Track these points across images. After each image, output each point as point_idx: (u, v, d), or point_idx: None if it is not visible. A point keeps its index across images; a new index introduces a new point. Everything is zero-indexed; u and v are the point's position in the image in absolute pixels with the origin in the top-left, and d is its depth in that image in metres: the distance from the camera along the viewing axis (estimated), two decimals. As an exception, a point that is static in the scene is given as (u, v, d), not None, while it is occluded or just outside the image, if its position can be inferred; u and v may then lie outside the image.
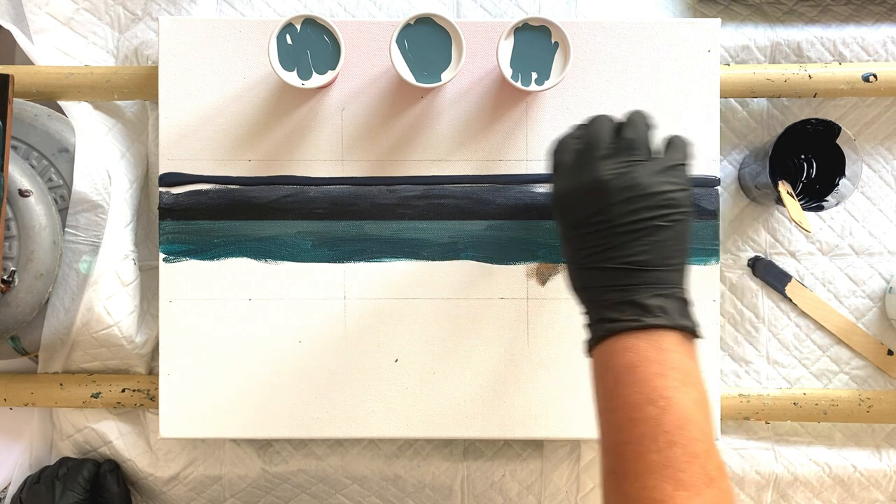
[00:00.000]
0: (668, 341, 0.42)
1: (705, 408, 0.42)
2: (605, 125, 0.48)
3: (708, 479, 0.38)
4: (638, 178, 0.44)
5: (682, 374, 0.42)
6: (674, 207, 0.44)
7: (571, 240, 0.47)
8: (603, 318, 0.44)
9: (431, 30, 0.56)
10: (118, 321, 0.63)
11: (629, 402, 0.41)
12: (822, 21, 0.67)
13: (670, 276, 0.44)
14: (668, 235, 0.44)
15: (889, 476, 0.66)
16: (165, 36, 0.61)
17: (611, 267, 0.44)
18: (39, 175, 0.62)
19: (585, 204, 0.45)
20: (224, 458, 0.66)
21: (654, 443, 0.39)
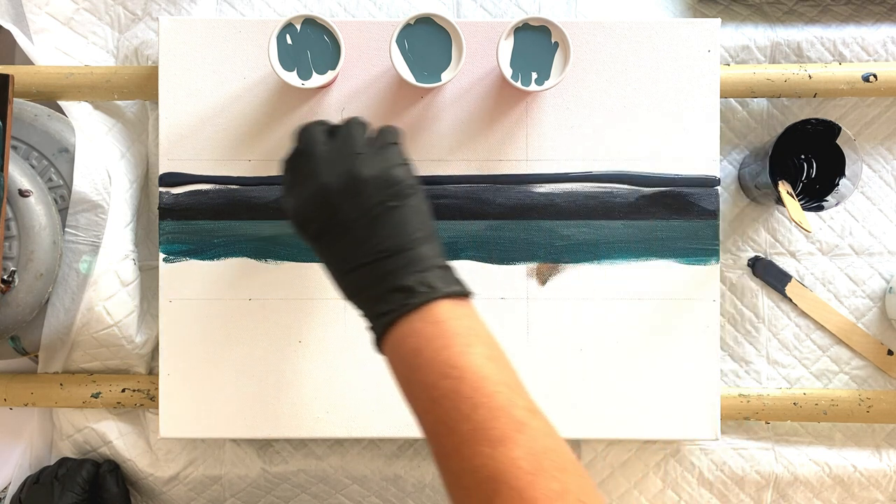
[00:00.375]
0: (441, 312, 0.42)
1: (498, 359, 0.42)
2: (316, 130, 0.48)
3: (518, 426, 0.38)
4: (355, 170, 0.44)
5: (465, 336, 0.41)
6: (397, 185, 0.44)
7: (321, 252, 0.47)
8: (376, 315, 0.44)
9: (431, 30, 0.56)
10: (118, 321, 0.63)
11: (425, 384, 0.41)
12: (822, 21, 0.67)
13: (422, 251, 0.44)
14: (404, 213, 0.44)
15: (889, 476, 0.66)
16: (165, 36, 0.61)
17: (364, 263, 0.44)
18: (39, 175, 0.62)
19: (316, 214, 0.45)
20: (224, 458, 0.66)
21: (459, 413, 0.39)
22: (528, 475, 0.36)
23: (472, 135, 0.61)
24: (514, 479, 0.36)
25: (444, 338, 0.41)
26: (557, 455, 0.38)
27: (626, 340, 0.62)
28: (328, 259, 0.46)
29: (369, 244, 0.44)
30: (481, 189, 0.62)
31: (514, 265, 0.62)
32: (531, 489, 0.36)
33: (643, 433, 0.62)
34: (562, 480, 0.37)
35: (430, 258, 0.44)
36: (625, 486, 0.66)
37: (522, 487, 0.36)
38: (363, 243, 0.44)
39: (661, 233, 0.61)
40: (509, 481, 0.36)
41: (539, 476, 0.36)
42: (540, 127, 0.61)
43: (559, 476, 0.37)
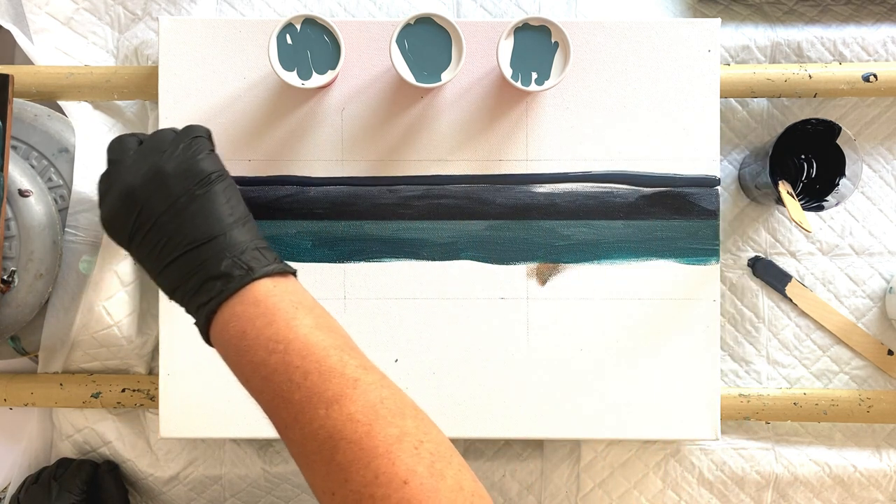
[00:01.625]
0: (261, 291, 0.42)
1: (326, 325, 0.41)
2: (126, 142, 0.47)
3: (352, 382, 0.38)
4: (158, 165, 0.44)
5: (288, 311, 0.41)
6: (202, 174, 0.44)
7: (136, 254, 0.46)
8: (198, 306, 0.43)
9: (431, 30, 0.56)
10: (118, 321, 0.63)
11: (255, 364, 0.40)
12: (822, 21, 0.67)
13: (235, 234, 0.43)
14: (211, 199, 0.44)
15: (889, 476, 0.66)
16: (165, 36, 0.61)
17: (178, 256, 0.43)
18: (39, 175, 0.62)
19: (124, 216, 0.44)
20: (224, 458, 0.66)
21: (291, 383, 0.39)
22: (364, 426, 0.37)
23: (472, 135, 0.61)
24: (352, 432, 0.36)
25: (267, 315, 0.41)
26: (393, 402, 0.38)
27: (626, 340, 0.62)
28: (143, 260, 0.45)
29: (178, 236, 0.43)
30: (481, 189, 0.62)
31: (514, 265, 0.62)
32: (368, 438, 0.36)
33: (643, 433, 0.62)
34: (399, 425, 0.37)
35: (244, 241, 0.43)
36: (625, 486, 0.66)
37: (360, 438, 0.36)
38: (172, 237, 0.43)
39: (661, 233, 0.61)
40: (347, 435, 0.36)
41: (375, 425, 0.37)
42: (540, 127, 0.61)
43: (396, 421, 0.37)
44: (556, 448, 0.66)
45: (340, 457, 0.36)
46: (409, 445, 0.36)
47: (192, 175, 0.44)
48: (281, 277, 0.43)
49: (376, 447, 0.36)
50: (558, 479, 0.66)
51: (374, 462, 0.36)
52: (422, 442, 0.37)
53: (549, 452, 0.66)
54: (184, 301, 0.44)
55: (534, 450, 0.66)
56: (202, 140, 0.46)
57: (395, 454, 0.36)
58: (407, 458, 0.36)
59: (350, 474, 0.36)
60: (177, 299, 0.45)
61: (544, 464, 0.66)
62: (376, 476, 0.35)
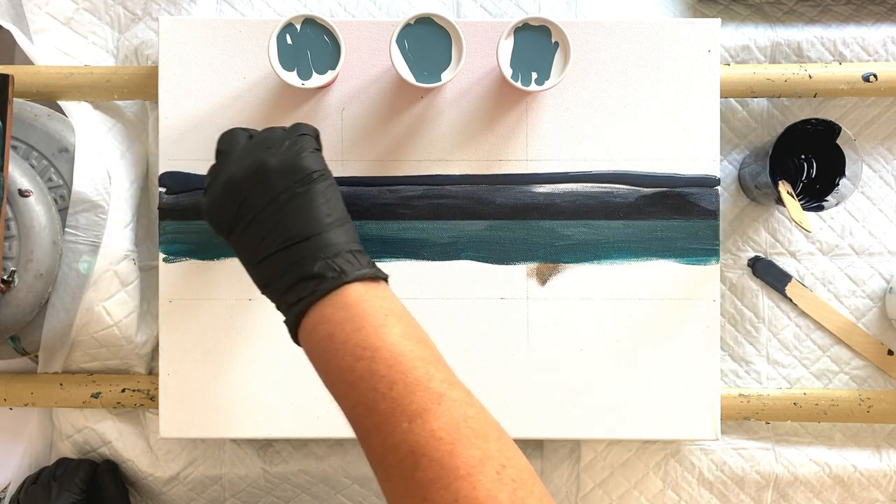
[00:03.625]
0: (351, 296, 0.42)
1: (415, 336, 0.41)
2: (236, 134, 0.48)
3: (437, 397, 0.38)
4: (265, 160, 0.44)
5: (378, 317, 0.41)
6: (305, 171, 0.44)
7: (234, 245, 0.46)
8: (289, 305, 0.43)
9: (431, 30, 0.56)
10: (118, 321, 0.63)
11: (341, 369, 0.40)
12: (822, 21, 0.67)
13: (332, 236, 0.43)
14: (312, 198, 0.44)
15: (889, 476, 0.66)
16: (165, 36, 0.61)
17: (274, 252, 0.43)
18: (39, 175, 0.62)
19: (227, 206, 0.45)
20: (224, 458, 0.66)
21: (376, 392, 0.38)
22: (447, 445, 0.36)
23: (472, 135, 0.61)
24: (434, 449, 0.36)
25: (356, 320, 0.41)
26: (477, 422, 0.38)
27: (626, 340, 0.62)
28: (241, 251, 0.46)
29: (276, 232, 0.43)
30: (481, 189, 0.62)
31: (514, 265, 0.62)
32: (450, 458, 0.35)
33: (643, 433, 0.62)
34: (482, 447, 0.36)
35: (339, 243, 0.43)
36: (625, 486, 0.66)
37: (441, 457, 0.36)
38: (270, 232, 0.44)
39: (661, 233, 0.61)
40: (429, 453, 0.36)
41: (458, 444, 0.36)
42: (540, 127, 0.61)
43: (479, 443, 0.36)
44: (556, 448, 0.66)
45: (421, 474, 0.36)
46: (492, 469, 0.35)
47: (295, 172, 0.44)
48: (373, 282, 0.43)
49: (458, 468, 0.35)
50: (558, 479, 0.66)
51: (455, 484, 0.35)
52: (504, 467, 0.36)
53: (549, 452, 0.66)
54: (275, 297, 0.45)
55: (534, 450, 0.66)
56: (308, 138, 0.47)
57: (476, 478, 0.35)
58: (488, 482, 0.35)
59: (430, 493, 0.35)
60: (268, 294, 0.45)
61: (544, 464, 0.66)
62: (456, 499, 0.34)
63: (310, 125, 0.49)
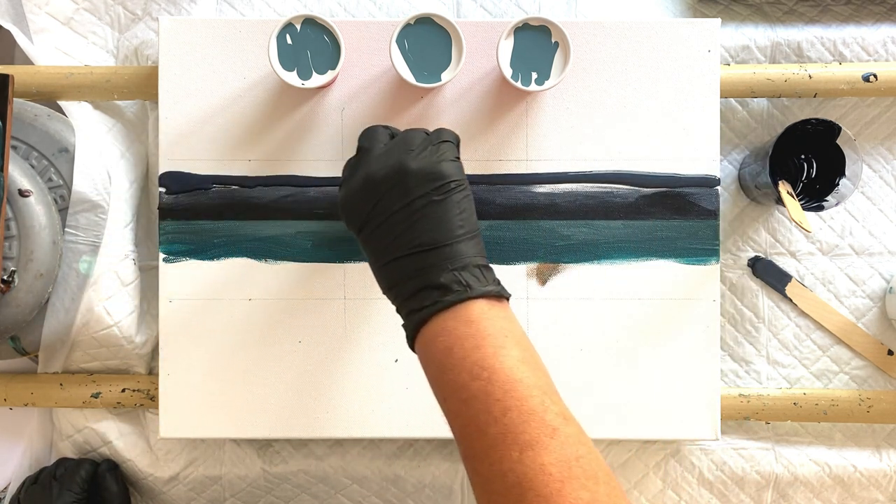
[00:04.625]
0: (475, 311, 0.41)
1: (531, 362, 0.41)
2: (379, 132, 0.48)
3: (550, 431, 0.37)
4: (405, 163, 0.44)
5: (498, 338, 0.41)
6: (443, 179, 0.44)
7: (364, 243, 0.46)
8: (410, 311, 0.43)
9: (431, 30, 0.56)
10: (118, 321, 0.63)
11: (456, 385, 0.40)
12: (822, 21, 0.67)
13: (462, 248, 0.43)
14: (447, 208, 0.44)
15: (889, 476, 0.66)
16: (165, 36, 0.61)
17: (402, 256, 0.43)
18: (39, 175, 0.62)
19: (362, 203, 0.45)
20: (224, 458, 0.66)
21: (489, 415, 0.38)
22: (556, 482, 0.35)
23: (472, 135, 0.61)
24: (542, 485, 0.35)
25: (477, 338, 0.40)
26: (589, 463, 0.37)
27: (626, 340, 0.62)
28: (369, 251, 0.46)
29: (408, 236, 0.43)
30: (481, 189, 0.62)
31: (514, 265, 0.62)
32: (559, 497, 0.35)
33: (643, 433, 0.62)
34: (592, 490, 0.35)
35: (468, 256, 0.43)
36: (625, 486, 0.66)
37: (549, 494, 0.35)
38: (402, 235, 0.44)
39: (661, 233, 0.61)
40: (536, 487, 0.35)
41: (568, 484, 0.35)
42: (540, 127, 0.61)
43: (589, 485, 0.36)
44: (556, 448, 0.66)
45: None
46: None
47: (434, 179, 0.44)
48: (496, 301, 0.43)
49: None
50: (558, 479, 0.66)
51: None
52: None
53: (549, 452, 0.66)
54: (397, 301, 0.45)
55: (534, 450, 0.66)
56: (450, 146, 0.46)
57: None
58: None
59: None
60: (390, 296, 0.45)
61: (544, 464, 0.66)
62: None
63: (452, 132, 0.48)
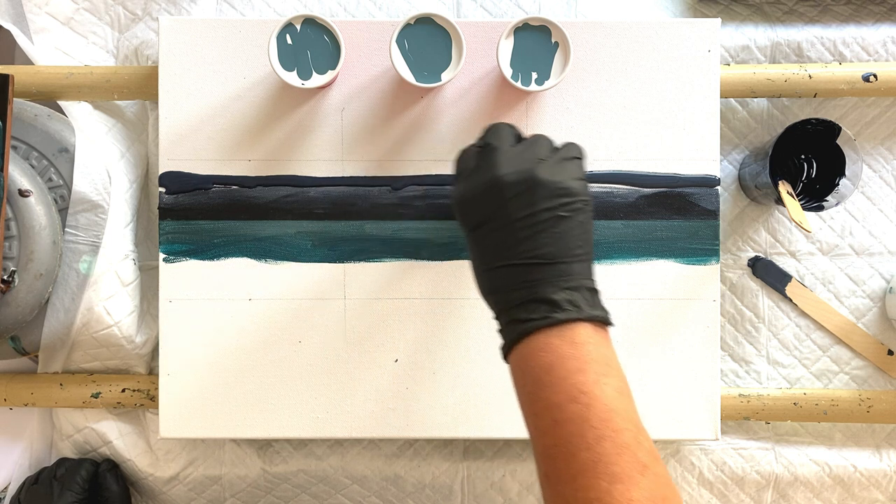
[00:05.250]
0: (582, 334, 0.41)
1: (627, 395, 0.41)
2: (506, 131, 0.48)
3: (641, 467, 0.37)
4: (536, 172, 0.44)
5: (601, 365, 0.41)
6: (572, 196, 0.44)
7: (474, 242, 0.46)
8: (514, 320, 0.43)
9: (431, 30, 0.56)
10: (118, 321, 0.63)
11: (552, 403, 0.40)
12: (822, 21, 0.67)
13: (576, 268, 0.43)
14: (570, 226, 0.44)
15: (889, 476, 0.66)
16: (165, 36, 0.61)
17: (515, 264, 0.43)
18: (39, 175, 0.62)
19: (484, 203, 0.45)
20: (224, 458, 0.66)
21: (582, 441, 0.38)
22: None
23: (472, 135, 0.61)
24: None
25: (580, 361, 0.40)
26: None
27: (626, 340, 0.62)
28: (479, 250, 0.46)
29: (526, 246, 0.43)
30: (481, 189, 0.61)
31: (514, 265, 0.62)
32: None
33: (643, 433, 0.62)
34: None
35: (582, 277, 0.43)
36: (625, 486, 0.66)
37: None
38: (520, 243, 0.43)
39: (661, 233, 0.61)
40: None
41: None
42: (540, 127, 0.61)
43: None
44: (556, 448, 0.66)
45: None
46: None
47: (563, 195, 0.44)
48: (601, 327, 0.43)
49: None
50: (558, 479, 0.66)
51: None
52: None
53: (549, 452, 0.66)
54: (498, 306, 0.45)
55: (534, 450, 0.66)
56: (580, 163, 0.46)
57: None
58: None
59: None
60: (491, 300, 0.45)
61: (544, 464, 0.66)
62: None
63: (581, 148, 0.48)
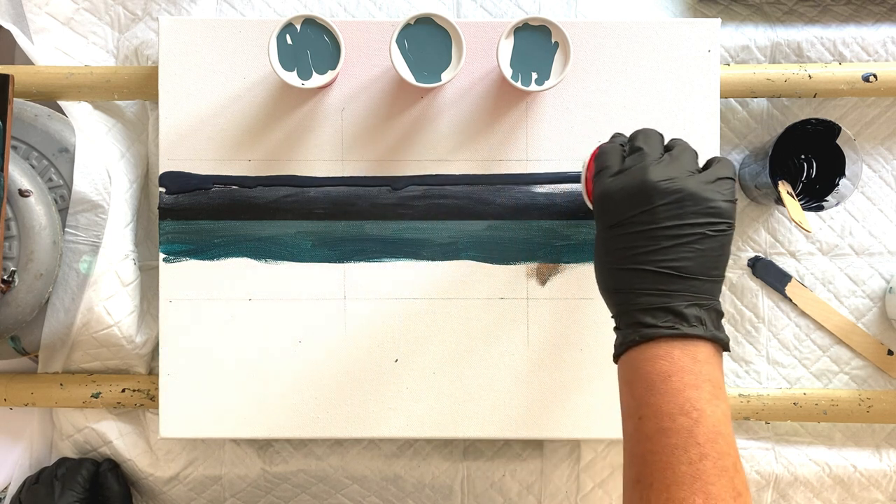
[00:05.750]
0: (703, 352, 0.42)
1: (730, 422, 0.42)
2: (656, 137, 0.48)
3: (735, 494, 0.39)
4: (688, 185, 0.44)
5: (714, 386, 0.42)
6: (721, 217, 0.44)
7: (609, 239, 0.46)
8: (637, 323, 0.44)
9: (431, 30, 0.56)
10: (118, 321, 0.63)
11: (661, 411, 0.41)
12: (822, 21, 0.67)
13: (709, 287, 0.44)
14: (713, 245, 0.44)
15: (889, 476, 0.66)
16: (165, 36, 0.61)
17: (650, 270, 0.44)
18: (39, 175, 0.62)
19: (631, 204, 0.45)
20: (224, 458, 0.66)
21: (685, 454, 0.39)
22: None
23: (472, 135, 0.61)
24: None
25: (697, 377, 0.41)
26: None
27: (626, 340, 0.61)
28: (614, 247, 0.46)
29: (666, 255, 0.44)
30: (481, 189, 0.62)
31: (514, 265, 0.62)
32: None
33: (643, 433, 0.62)
34: None
35: (712, 297, 0.44)
36: (625, 486, 0.66)
37: None
38: (661, 251, 0.44)
39: (661, 233, 0.61)
40: None
41: None
42: (540, 127, 0.61)
43: None
44: (556, 448, 0.66)
45: None
46: None
47: (713, 215, 0.44)
48: (720, 349, 0.44)
49: None
50: (558, 479, 0.66)
51: None
52: None
53: (549, 452, 0.66)
54: (621, 306, 0.45)
55: (534, 450, 0.66)
56: (731, 184, 0.46)
57: None
58: None
59: None
60: (612, 297, 0.46)
61: (544, 464, 0.66)
62: None
63: (733, 166, 0.47)
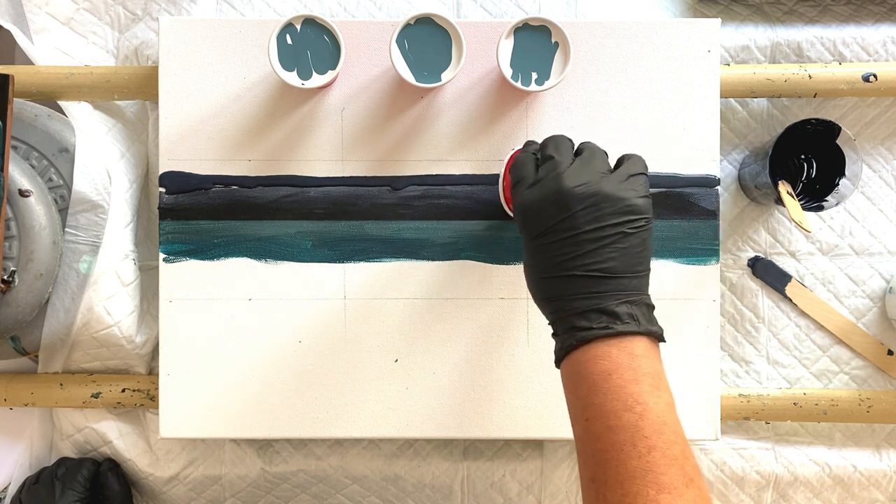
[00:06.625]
0: (639, 347, 0.43)
1: (675, 410, 0.43)
2: (566, 143, 0.49)
3: (687, 480, 0.39)
4: (603, 187, 0.45)
5: (654, 378, 0.42)
6: (638, 214, 0.45)
7: (535, 249, 0.47)
8: (573, 327, 0.44)
9: (431, 30, 0.56)
10: (118, 321, 0.63)
11: (606, 410, 0.41)
12: (822, 21, 0.67)
13: (636, 283, 0.45)
14: (634, 243, 0.45)
15: (889, 476, 0.66)
16: (165, 36, 0.61)
17: (578, 275, 0.44)
18: (39, 175, 0.62)
19: (551, 213, 0.45)
20: (224, 458, 0.66)
21: (633, 449, 0.40)
22: None
23: (472, 135, 0.61)
24: None
25: (636, 372, 0.42)
26: None
27: (626, 340, 0.62)
28: (540, 258, 0.46)
29: (591, 258, 0.44)
30: (481, 189, 0.62)
31: (514, 265, 0.62)
32: None
33: (643, 433, 0.62)
34: None
35: (641, 293, 0.45)
36: (625, 486, 0.66)
37: None
38: (585, 255, 0.44)
39: (661, 233, 0.61)
40: None
41: None
42: (540, 127, 0.61)
43: None
44: (556, 448, 0.66)
45: None
46: None
47: (630, 213, 0.45)
48: (655, 341, 0.45)
49: None
50: (558, 479, 0.66)
51: None
52: None
53: (549, 452, 0.66)
54: (556, 314, 0.46)
55: (534, 450, 0.66)
56: (644, 179, 0.47)
57: None
58: None
59: None
60: (546, 306, 0.46)
61: (544, 464, 0.66)
62: None
63: (644, 162, 0.48)
